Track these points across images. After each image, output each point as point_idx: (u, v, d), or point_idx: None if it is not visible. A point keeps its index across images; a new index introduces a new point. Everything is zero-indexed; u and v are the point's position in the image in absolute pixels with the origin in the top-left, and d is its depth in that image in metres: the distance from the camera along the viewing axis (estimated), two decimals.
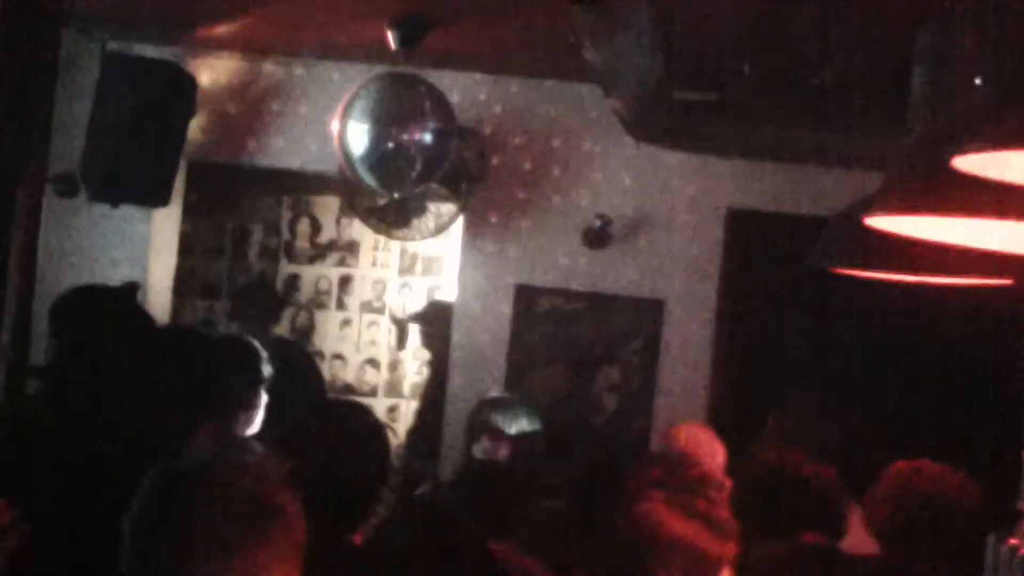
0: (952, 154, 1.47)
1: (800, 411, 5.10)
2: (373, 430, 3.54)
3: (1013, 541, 4.30)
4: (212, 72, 6.78)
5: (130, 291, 4.33)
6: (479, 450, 4.87)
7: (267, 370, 4.34)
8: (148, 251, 6.89)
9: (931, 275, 3.33)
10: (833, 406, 4.98)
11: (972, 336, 5.91)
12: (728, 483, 4.59)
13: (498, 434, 4.80)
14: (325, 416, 3.64)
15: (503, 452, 4.79)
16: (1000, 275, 3.06)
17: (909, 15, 3.82)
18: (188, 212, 7.22)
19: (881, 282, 3.97)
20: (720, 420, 6.43)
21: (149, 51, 6.54)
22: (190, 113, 6.50)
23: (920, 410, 5.93)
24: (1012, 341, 5.63)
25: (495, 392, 5.82)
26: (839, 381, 6.05)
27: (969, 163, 1.50)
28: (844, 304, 5.47)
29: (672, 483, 2.70)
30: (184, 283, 7.35)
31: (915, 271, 3.31)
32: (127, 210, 6.56)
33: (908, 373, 6.14)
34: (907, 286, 3.88)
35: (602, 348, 6.61)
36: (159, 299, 7.01)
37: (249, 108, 6.85)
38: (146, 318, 4.30)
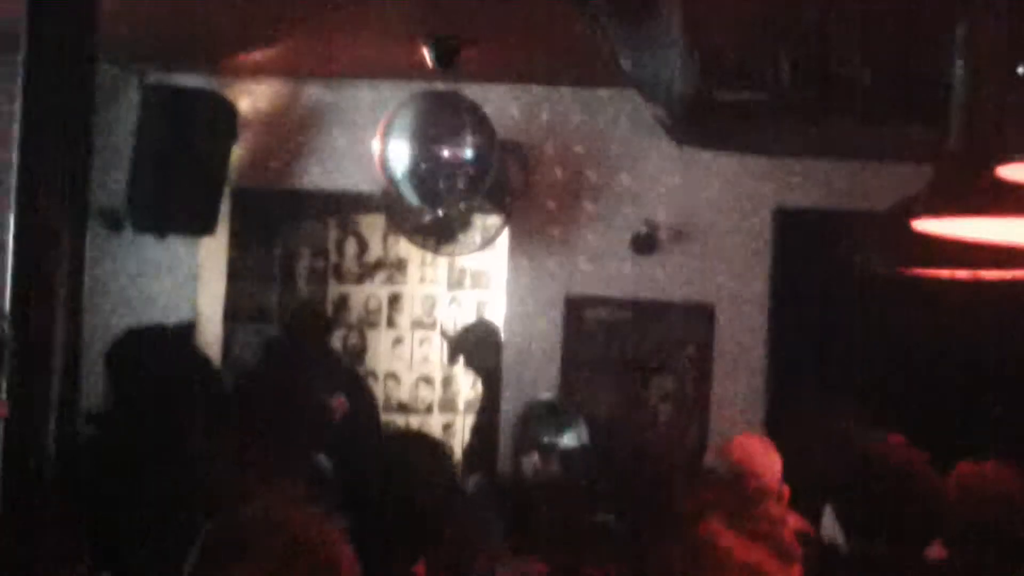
0: (996, 164, 1.46)
1: (849, 414, 5.03)
2: (438, 464, 3.51)
3: None
4: (252, 98, 6.80)
5: (186, 331, 4.31)
6: (528, 465, 4.82)
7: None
8: (197, 280, 6.91)
9: (981, 270, 3.28)
10: (884, 408, 4.92)
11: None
12: (787, 492, 4.54)
13: (548, 450, 4.76)
14: (389, 454, 3.61)
15: (553, 467, 4.74)
16: None
17: (946, 7, 3.77)
18: (235, 239, 7.23)
19: (934, 281, 3.92)
20: (778, 425, 6.39)
21: (188, 80, 6.55)
22: (232, 140, 6.52)
23: (978, 410, 5.85)
24: None
25: (543, 396, 5.75)
26: (889, 381, 5.99)
27: (1012, 171, 1.48)
28: (898, 302, 5.40)
29: (730, 504, 2.65)
30: (234, 310, 7.36)
31: (965, 267, 3.27)
32: (174, 240, 6.58)
33: (962, 372, 6.06)
34: (959, 287, 3.83)
35: (654, 356, 6.57)
36: (210, 327, 7.03)
37: (290, 132, 6.86)
38: (204, 360, 4.27)
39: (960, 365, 6.08)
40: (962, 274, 3.67)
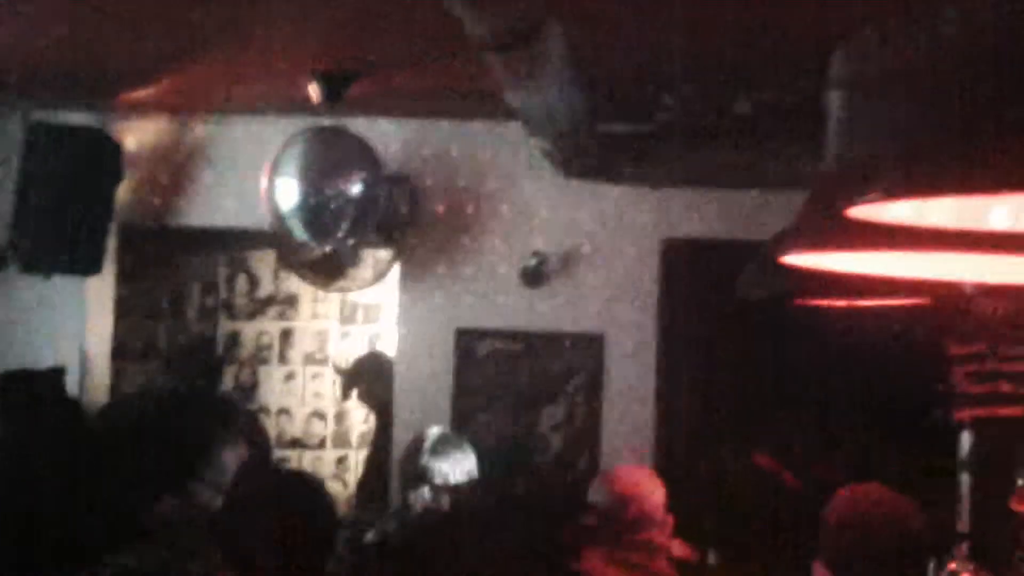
0: (845, 206, 1.52)
1: (735, 440, 5.12)
2: (319, 504, 3.51)
3: (952, 566, 4.33)
4: (138, 135, 6.75)
5: (56, 376, 4.26)
6: (417, 499, 4.81)
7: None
8: (84, 319, 6.84)
9: (853, 300, 3.37)
10: (769, 433, 5.01)
11: (904, 362, 5.97)
12: (670, 520, 4.59)
13: (437, 483, 4.76)
14: (270, 490, 3.60)
15: (442, 503, 4.75)
16: (917, 296, 3.12)
17: (822, 39, 3.85)
18: (123, 277, 7.17)
19: (816, 308, 4.01)
20: (667, 453, 6.47)
21: (73, 117, 6.50)
22: (118, 178, 6.47)
23: (856, 435, 5.96)
24: (936, 368, 5.71)
25: (433, 429, 5.74)
26: (773, 407, 6.09)
27: (861, 211, 1.54)
28: (782, 329, 5.50)
29: (610, 535, 2.69)
30: (123, 348, 7.29)
31: (835, 298, 3.35)
32: (60, 279, 6.51)
33: (845, 398, 6.18)
34: (840, 314, 3.92)
35: (545, 387, 6.61)
36: (98, 366, 6.95)
37: (178, 169, 6.82)
38: (73, 405, 4.22)
39: (842, 391, 6.19)
40: (841, 303, 3.76)
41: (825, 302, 3.68)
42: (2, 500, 3.68)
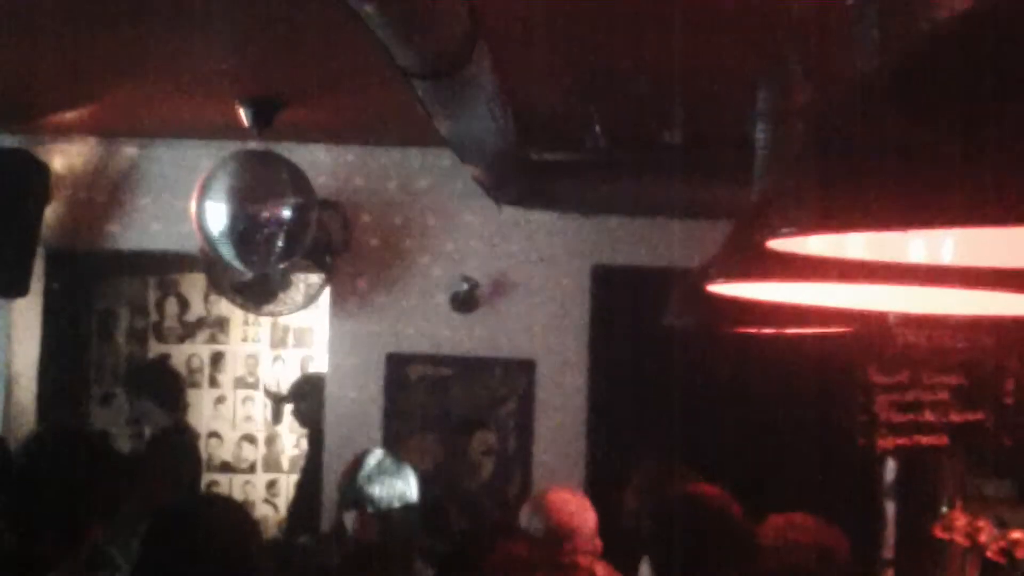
0: (765, 238, 1.54)
1: (663, 464, 5.14)
2: (241, 528, 3.49)
3: None
4: (66, 157, 6.70)
5: None
6: (350, 522, 4.79)
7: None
8: (9, 343, 6.77)
9: (777, 328, 3.40)
10: (696, 459, 5.03)
11: (827, 389, 6.04)
12: (599, 545, 4.61)
13: (369, 511, 4.74)
14: (191, 513, 3.58)
15: (374, 529, 4.73)
16: (839, 325, 3.16)
17: (749, 72, 3.90)
18: (49, 299, 7.10)
19: (741, 335, 4.05)
20: (598, 477, 6.48)
21: None
22: (44, 200, 6.42)
23: (778, 462, 6.01)
24: (859, 396, 5.78)
25: (372, 450, 5.72)
26: (700, 432, 6.13)
27: (781, 244, 1.56)
28: (709, 356, 5.54)
29: (539, 560, 2.69)
30: (49, 372, 7.21)
31: (758, 326, 3.39)
32: None
33: (768, 424, 6.23)
34: (763, 341, 3.95)
35: (476, 412, 6.62)
36: (23, 391, 6.87)
37: (107, 192, 6.77)
38: None
39: (768, 418, 6.24)
40: (767, 331, 3.80)
41: (749, 330, 3.72)
42: None
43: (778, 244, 1.57)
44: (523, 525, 4.63)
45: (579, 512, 4.72)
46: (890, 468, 6.08)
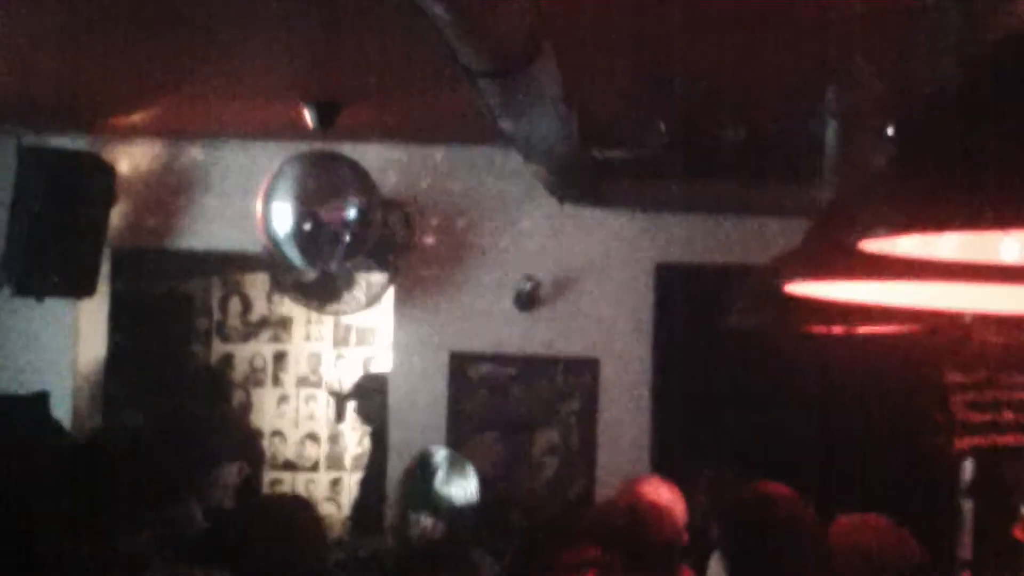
0: (857, 239, 1.53)
1: (731, 463, 5.12)
2: (309, 526, 3.50)
3: None
4: (131, 158, 6.75)
5: (40, 401, 4.23)
6: (413, 521, 4.79)
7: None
8: (77, 341, 6.83)
9: (852, 328, 3.38)
10: (764, 458, 5.00)
11: (903, 390, 5.97)
12: (685, 539, 4.59)
13: (432, 509, 4.75)
14: (260, 515, 3.59)
15: (437, 528, 4.74)
16: (915, 324, 3.13)
17: (816, 70, 3.87)
18: (115, 300, 7.16)
19: (813, 334, 4.01)
20: (663, 476, 6.45)
21: (66, 142, 6.49)
22: (110, 202, 6.47)
23: (852, 462, 5.96)
24: (935, 396, 5.72)
25: (435, 449, 5.72)
26: (768, 431, 6.09)
27: (871, 244, 1.55)
28: (778, 354, 5.50)
29: (616, 561, 2.67)
30: (115, 371, 7.27)
31: (834, 325, 3.36)
32: (53, 302, 6.49)
33: (839, 424, 6.18)
34: (835, 341, 3.92)
35: (539, 411, 6.61)
36: (90, 389, 6.93)
37: (171, 192, 6.82)
38: (57, 428, 4.19)
39: (840, 417, 6.19)
40: (837, 330, 3.77)
41: (823, 330, 3.69)
42: None
43: (869, 244, 1.56)
44: (606, 515, 4.57)
45: (671, 501, 4.73)
46: (967, 468, 6.01)
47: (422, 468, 4.87)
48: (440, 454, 4.99)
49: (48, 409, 4.26)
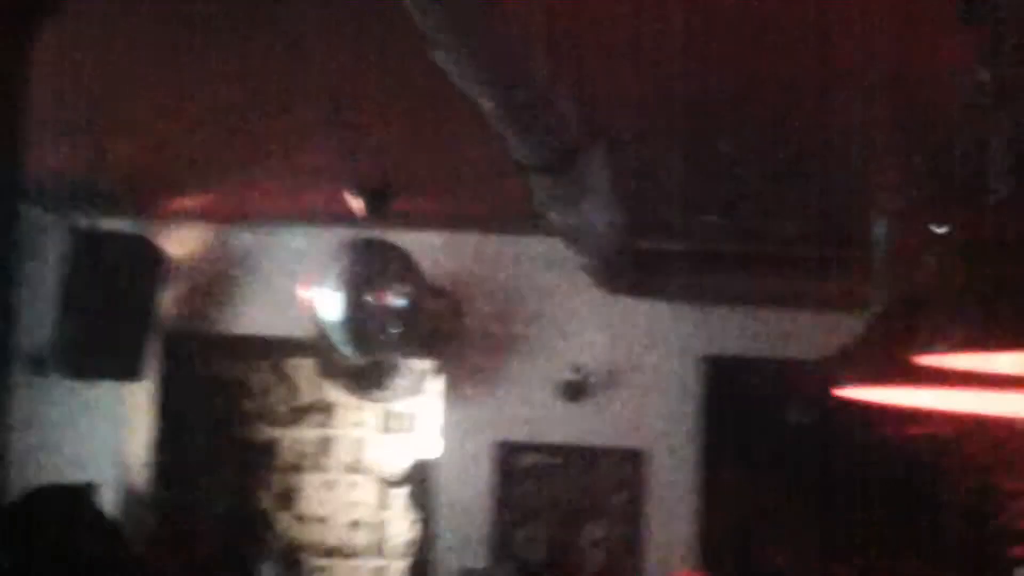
0: (915, 353, 1.51)
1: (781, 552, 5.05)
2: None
3: None
4: (182, 242, 6.79)
5: (86, 492, 4.19)
6: None
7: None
8: (125, 424, 6.84)
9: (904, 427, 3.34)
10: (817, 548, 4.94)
11: (956, 494, 5.89)
12: None
13: None
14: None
15: None
16: (969, 430, 3.10)
17: (865, 167, 3.85)
18: (163, 382, 7.17)
19: (855, 423, 3.97)
20: (711, 567, 6.38)
21: (116, 224, 6.53)
22: (160, 285, 6.49)
23: (903, 551, 5.88)
24: (990, 502, 5.64)
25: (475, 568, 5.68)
26: (820, 523, 6.02)
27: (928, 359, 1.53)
28: (826, 449, 5.46)
29: None
30: (162, 453, 7.26)
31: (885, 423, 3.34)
32: (101, 385, 6.52)
33: (889, 511, 6.09)
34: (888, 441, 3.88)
35: (586, 501, 6.56)
36: (137, 472, 6.93)
37: (220, 276, 6.85)
38: (104, 522, 4.14)
39: (887, 517, 6.10)
40: (886, 429, 3.73)
41: (882, 432, 3.65)
42: None
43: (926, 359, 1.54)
44: None
45: None
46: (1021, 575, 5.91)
47: None
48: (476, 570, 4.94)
49: (95, 502, 4.23)
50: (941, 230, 3.50)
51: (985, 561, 5.76)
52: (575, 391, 6.54)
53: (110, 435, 6.79)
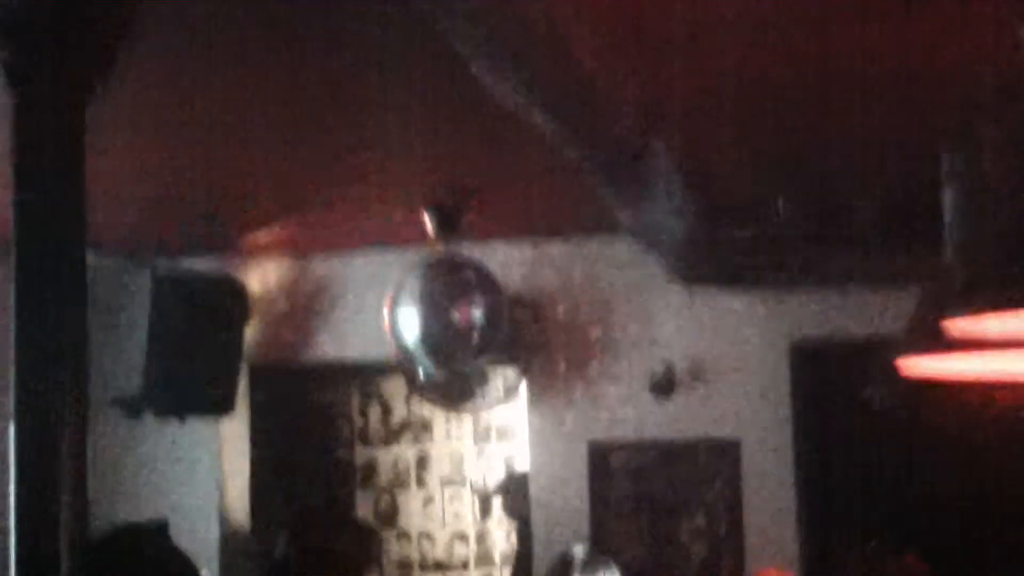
0: (957, 314, 1.51)
1: (880, 542, 5.01)
2: None
3: None
4: (262, 275, 6.88)
5: (161, 530, 4.22)
6: None
7: None
8: (221, 458, 6.94)
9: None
10: (912, 536, 4.89)
11: None
12: None
13: None
14: None
15: None
16: None
17: (934, 138, 3.81)
18: (256, 414, 7.26)
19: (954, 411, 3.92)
20: (813, 558, 6.34)
21: (197, 263, 6.63)
22: (245, 320, 6.58)
23: (999, 541, 5.79)
24: None
25: (577, 547, 5.67)
26: (917, 509, 5.95)
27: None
28: (920, 431, 5.39)
29: None
30: (261, 486, 7.35)
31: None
32: (195, 422, 6.61)
33: (988, 502, 6.00)
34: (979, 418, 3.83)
35: (683, 496, 6.54)
36: (237, 504, 7.02)
37: (303, 306, 6.93)
38: (177, 559, 4.17)
39: (991, 496, 6.00)
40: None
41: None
42: None
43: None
44: None
45: None
46: None
47: (563, 567, 4.84)
48: (578, 550, 4.95)
49: (168, 539, 4.26)
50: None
51: None
52: (664, 386, 6.52)
53: (210, 470, 6.88)
